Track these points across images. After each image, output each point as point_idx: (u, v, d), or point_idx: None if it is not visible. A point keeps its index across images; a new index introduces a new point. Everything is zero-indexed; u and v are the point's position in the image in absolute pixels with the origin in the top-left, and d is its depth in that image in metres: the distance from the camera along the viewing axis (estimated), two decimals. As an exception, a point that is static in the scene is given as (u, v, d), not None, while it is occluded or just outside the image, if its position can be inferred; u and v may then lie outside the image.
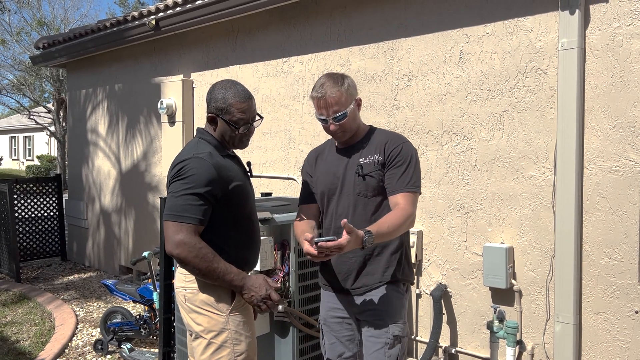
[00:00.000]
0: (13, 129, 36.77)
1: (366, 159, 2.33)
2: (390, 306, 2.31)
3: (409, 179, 2.26)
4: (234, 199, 2.22)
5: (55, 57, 7.62)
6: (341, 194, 2.37)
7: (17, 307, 5.63)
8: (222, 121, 2.24)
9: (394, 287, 2.33)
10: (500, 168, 3.60)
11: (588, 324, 3.28)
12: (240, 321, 2.22)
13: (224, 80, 2.29)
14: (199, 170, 2.10)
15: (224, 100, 2.21)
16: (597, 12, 3.18)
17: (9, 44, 21.92)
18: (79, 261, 7.97)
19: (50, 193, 7.87)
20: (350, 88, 2.31)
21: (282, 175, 5.00)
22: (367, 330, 2.33)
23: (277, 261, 3.00)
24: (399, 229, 2.15)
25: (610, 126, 3.16)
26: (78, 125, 7.91)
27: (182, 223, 2.06)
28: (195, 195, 2.08)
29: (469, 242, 3.77)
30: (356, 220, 2.30)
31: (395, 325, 2.30)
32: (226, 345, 2.18)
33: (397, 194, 2.25)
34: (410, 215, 2.20)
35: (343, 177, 2.36)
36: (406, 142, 2.35)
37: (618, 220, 3.15)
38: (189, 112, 5.89)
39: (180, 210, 2.07)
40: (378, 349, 2.28)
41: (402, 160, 2.28)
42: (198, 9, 5.22)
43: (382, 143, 2.34)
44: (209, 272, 2.09)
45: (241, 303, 2.24)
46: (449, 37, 3.82)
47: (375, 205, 2.32)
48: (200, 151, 2.18)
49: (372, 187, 2.31)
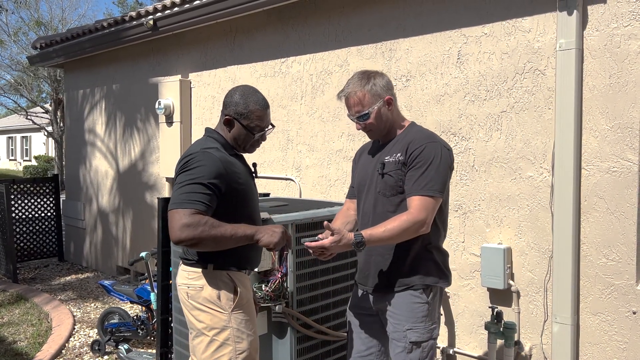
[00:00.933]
0: (10, 129, 36.69)
1: (390, 157, 2.31)
2: (409, 312, 2.28)
3: (426, 182, 2.18)
4: (238, 196, 2.24)
5: (52, 57, 7.60)
6: (368, 192, 2.39)
7: (14, 308, 5.61)
8: (240, 125, 2.31)
9: (412, 292, 2.29)
10: (498, 169, 3.60)
11: (586, 324, 3.28)
12: (243, 319, 2.23)
13: (246, 86, 2.36)
14: (205, 163, 2.13)
15: (245, 106, 2.29)
16: (595, 13, 3.19)
17: (7, 44, 21.90)
18: (76, 262, 7.95)
19: (48, 193, 7.85)
20: (375, 87, 2.30)
21: (280, 176, 5.00)
22: (390, 333, 2.35)
23: (275, 262, 3.00)
24: (399, 234, 2.13)
25: (608, 127, 3.16)
26: (75, 126, 7.89)
27: (183, 209, 2.05)
28: (201, 185, 2.09)
29: (467, 243, 3.77)
30: (377, 218, 2.29)
31: (413, 331, 2.27)
32: (228, 343, 2.19)
33: (411, 197, 2.21)
34: (416, 221, 2.14)
35: (371, 175, 2.38)
36: (431, 143, 2.26)
37: (616, 221, 3.15)
38: (186, 112, 5.88)
39: (184, 198, 2.07)
40: (398, 352, 2.30)
41: (421, 162, 2.22)
42: (196, 9, 5.21)
43: (407, 142, 2.29)
44: (222, 236, 2.07)
45: (244, 301, 2.25)
46: (447, 37, 3.82)
47: (394, 205, 2.29)
48: (208, 146, 2.22)
49: (390, 186, 2.28)
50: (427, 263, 2.30)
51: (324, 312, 3.19)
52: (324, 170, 4.63)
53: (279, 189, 5.03)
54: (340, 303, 3.26)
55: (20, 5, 21.37)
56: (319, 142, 4.66)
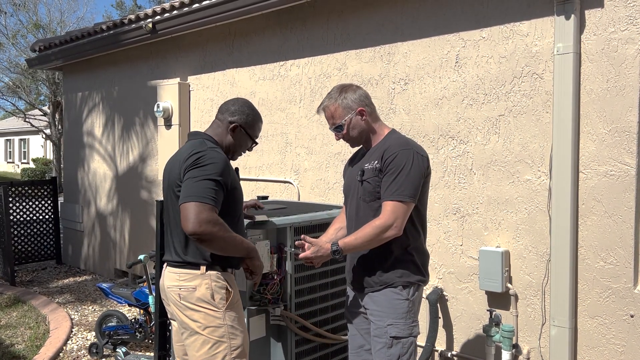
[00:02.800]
0: (8, 131, 36.65)
1: (369, 164, 2.44)
2: (390, 308, 2.39)
3: (397, 187, 2.31)
4: (234, 198, 2.36)
5: (51, 59, 7.60)
6: (352, 197, 2.53)
7: (11, 311, 5.60)
8: (244, 133, 2.48)
9: (393, 290, 2.41)
10: (496, 172, 3.61)
11: (584, 327, 3.29)
12: (235, 317, 2.33)
13: (247, 100, 2.56)
14: (216, 160, 2.26)
15: (253, 117, 2.51)
16: (592, 17, 3.20)
17: (5, 46, 21.87)
18: (74, 264, 7.94)
19: (46, 196, 7.84)
20: (346, 100, 2.45)
21: (279, 179, 5.00)
22: (372, 330, 2.46)
23: (274, 264, 3.00)
24: (370, 239, 2.30)
25: (605, 130, 3.17)
26: (74, 128, 7.89)
27: (204, 203, 2.15)
28: (214, 181, 2.21)
29: (465, 246, 3.77)
30: (359, 223, 2.42)
31: (393, 326, 2.38)
32: (223, 340, 2.27)
33: (384, 202, 2.35)
34: (385, 225, 2.29)
35: (354, 181, 2.51)
36: (404, 150, 2.37)
37: (613, 224, 3.16)
38: (185, 115, 5.88)
39: (201, 192, 2.17)
40: (379, 348, 2.40)
41: (393, 168, 2.34)
42: (195, 12, 5.22)
43: (383, 149, 2.42)
44: (232, 241, 2.23)
45: (235, 300, 2.36)
46: (445, 41, 3.83)
47: (373, 210, 2.41)
48: (212, 147, 2.35)
49: (368, 192, 2.42)
50: (407, 264, 2.43)
51: (322, 315, 3.19)
52: (322, 173, 4.63)
53: (277, 192, 5.03)
54: (339, 306, 3.26)
55: (18, 7, 21.39)
56: (318, 145, 4.66)
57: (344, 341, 3.20)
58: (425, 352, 3.75)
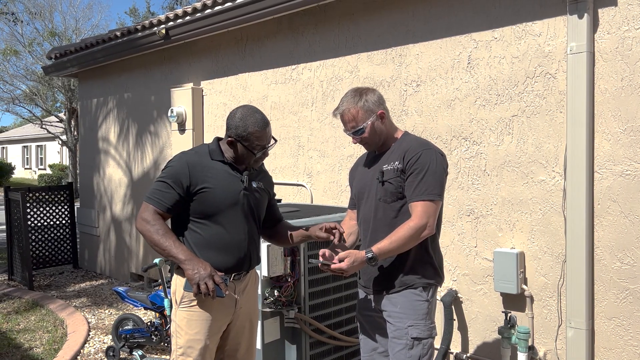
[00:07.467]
0: (25, 138, 37.16)
1: (389, 165, 2.44)
2: (411, 309, 2.38)
3: (425, 187, 2.32)
4: (200, 199, 2.36)
5: (67, 67, 7.71)
6: (367, 200, 2.51)
7: (29, 315, 5.67)
8: (242, 146, 2.43)
9: (413, 291, 2.40)
10: (510, 173, 3.59)
11: (601, 329, 3.25)
12: (185, 317, 2.37)
13: (245, 108, 2.45)
14: (174, 164, 2.39)
15: (244, 129, 2.39)
16: (605, 15, 3.18)
17: (22, 54, 22.18)
18: (90, 269, 8.03)
19: (62, 201, 7.93)
20: (368, 103, 2.43)
21: (292, 182, 5.02)
22: (390, 332, 2.43)
23: (287, 267, 3.01)
24: (406, 241, 2.28)
25: (620, 130, 3.14)
26: (89, 134, 7.99)
27: (147, 203, 2.35)
28: (163, 183, 2.35)
29: (479, 248, 3.75)
30: (378, 224, 2.43)
31: (414, 327, 2.37)
32: (174, 334, 2.41)
33: (412, 203, 2.34)
34: (419, 226, 2.28)
35: (370, 184, 2.50)
36: (427, 150, 2.39)
37: (630, 225, 3.12)
38: (199, 120, 5.93)
39: (150, 192, 2.37)
40: (399, 350, 2.38)
41: (418, 168, 2.34)
42: (207, 17, 5.27)
43: (403, 150, 2.42)
44: (158, 244, 2.28)
45: (188, 300, 2.36)
46: (457, 42, 3.82)
47: (395, 211, 2.41)
48: (189, 150, 2.47)
49: (390, 192, 2.41)
50: (426, 266, 2.43)
51: (336, 318, 3.20)
52: (335, 175, 4.64)
53: (290, 195, 5.05)
54: (352, 308, 3.26)
55: (34, 16, 21.70)
56: (330, 147, 4.67)
57: (358, 344, 3.19)
58: (440, 354, 3.73)
